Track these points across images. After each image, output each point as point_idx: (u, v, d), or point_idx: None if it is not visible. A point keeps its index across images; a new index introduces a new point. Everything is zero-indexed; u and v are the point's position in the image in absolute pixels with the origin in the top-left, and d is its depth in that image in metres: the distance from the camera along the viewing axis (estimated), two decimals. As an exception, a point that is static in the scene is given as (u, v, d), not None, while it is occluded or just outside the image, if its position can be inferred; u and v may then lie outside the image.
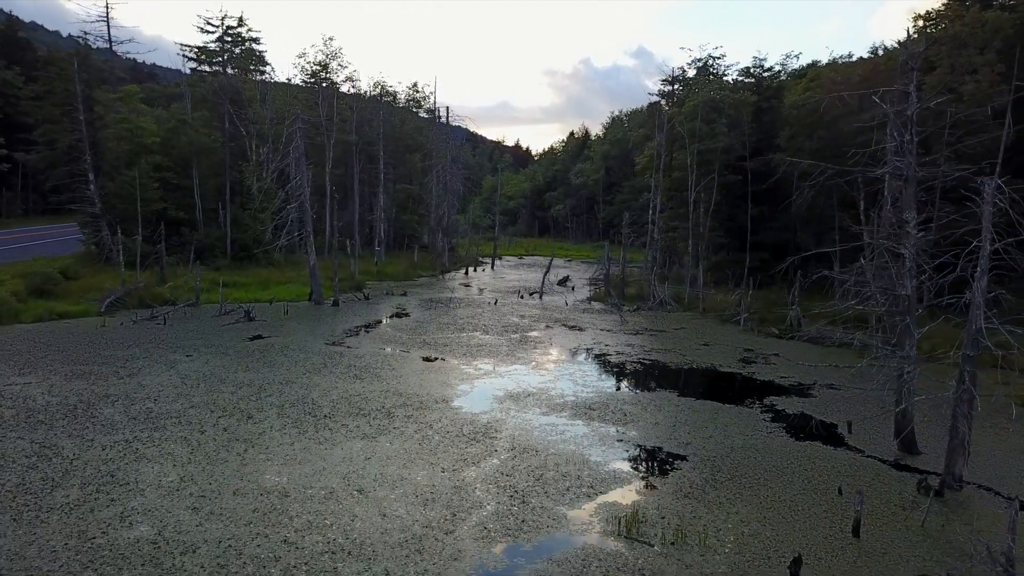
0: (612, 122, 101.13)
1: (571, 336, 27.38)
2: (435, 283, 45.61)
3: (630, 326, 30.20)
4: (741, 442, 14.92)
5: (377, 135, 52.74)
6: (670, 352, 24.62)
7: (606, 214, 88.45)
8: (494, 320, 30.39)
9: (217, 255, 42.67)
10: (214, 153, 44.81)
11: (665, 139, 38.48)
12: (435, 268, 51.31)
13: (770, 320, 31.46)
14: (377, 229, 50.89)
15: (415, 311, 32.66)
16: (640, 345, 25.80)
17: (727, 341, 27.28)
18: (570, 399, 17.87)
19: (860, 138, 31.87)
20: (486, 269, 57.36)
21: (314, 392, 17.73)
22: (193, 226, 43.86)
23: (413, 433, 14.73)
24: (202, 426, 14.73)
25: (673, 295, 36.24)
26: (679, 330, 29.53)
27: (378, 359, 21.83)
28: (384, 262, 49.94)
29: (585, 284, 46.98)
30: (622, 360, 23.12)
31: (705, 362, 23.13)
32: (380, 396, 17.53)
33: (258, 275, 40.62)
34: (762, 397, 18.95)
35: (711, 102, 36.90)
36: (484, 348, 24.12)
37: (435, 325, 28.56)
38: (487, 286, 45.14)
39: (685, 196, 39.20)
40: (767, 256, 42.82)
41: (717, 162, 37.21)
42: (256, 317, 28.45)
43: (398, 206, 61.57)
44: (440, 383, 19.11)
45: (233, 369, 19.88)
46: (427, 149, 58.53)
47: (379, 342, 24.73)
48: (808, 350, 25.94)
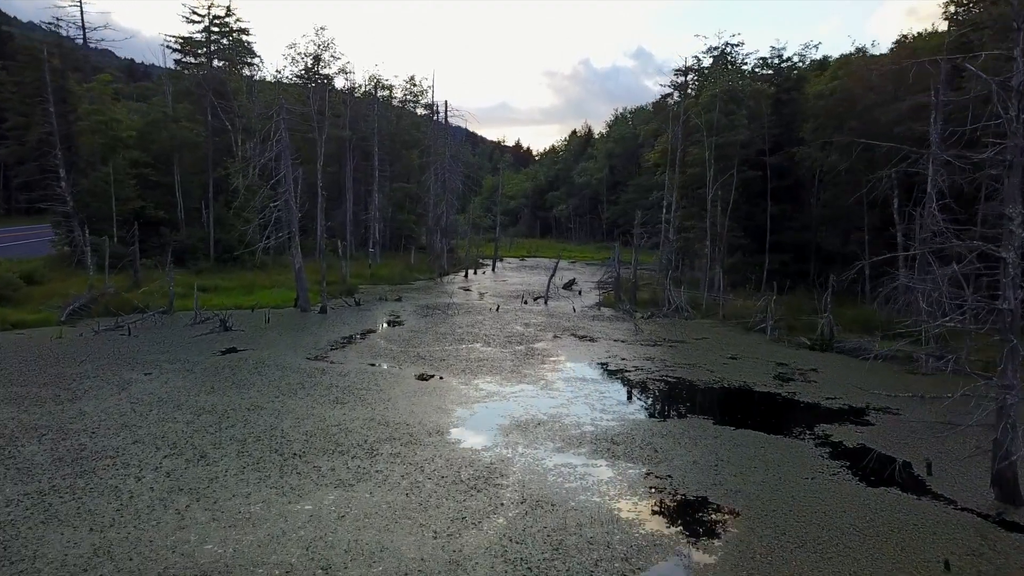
0: (616, 120, 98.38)
1: (582, 348, 24.63)
2: (433, 287, 42.87)
3: (646, 336, 27.45)
4: (802, 489, 12.17)
5: (372, 130, 50.00)
6: (695, 367, 21.87)
7: (610, 214, 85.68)
8: (496, 329, 27.65)
9: (199, 257, 39.96)
10: (197, 148, 42.10)
11: (681, 131, 35.68)
12: (433, 270, 48.57)
13: (798, 328, 28.72)
14: (372, 229, 48.13)
15: (410, 319, 29.91)
16: (660, 359, 23.05)
17: (755, 353, 24.54)
18: (588, 429, 15.12)
19: (897, 128, 29.13)
20: (486, 272, 54.61)
21: (285, 421, 14.98)
22: (174, 226, 41.13)
23: (400, 479, 11.98)
24: (141, 470, 11.98)
25: (689, 300, 33.49)
26: (700, 340, 26.78)
27: (365, 377, 19.07)
28: (379, 264, 47.18)
29: (592, 288, 44.18)
30: (642, 377, 20.37)
31: (737, 379, 20.38)
32: (363, 426, 14.78)
33: (243, 279, 37.93)
34: (811, 424, 16.20)
35: (730, 91, 34.16)
36: (486, 363, 21.36)
37: (431, 335, 25.82)
38: (488, 290, 42.40)
39: (701, 193, 36.48)
40: (787, 258, 40.15)
41: (736, 157, 34.47)
42: (233, 326, 25.73)
43: (394, 205, 58.83)
44: (435, 408, 16.35)
45: (195, 391, 17.14)
46: (424, 145, 55.80)
47: (368, 356, 21.97)
48: (848, 365, 23.19)
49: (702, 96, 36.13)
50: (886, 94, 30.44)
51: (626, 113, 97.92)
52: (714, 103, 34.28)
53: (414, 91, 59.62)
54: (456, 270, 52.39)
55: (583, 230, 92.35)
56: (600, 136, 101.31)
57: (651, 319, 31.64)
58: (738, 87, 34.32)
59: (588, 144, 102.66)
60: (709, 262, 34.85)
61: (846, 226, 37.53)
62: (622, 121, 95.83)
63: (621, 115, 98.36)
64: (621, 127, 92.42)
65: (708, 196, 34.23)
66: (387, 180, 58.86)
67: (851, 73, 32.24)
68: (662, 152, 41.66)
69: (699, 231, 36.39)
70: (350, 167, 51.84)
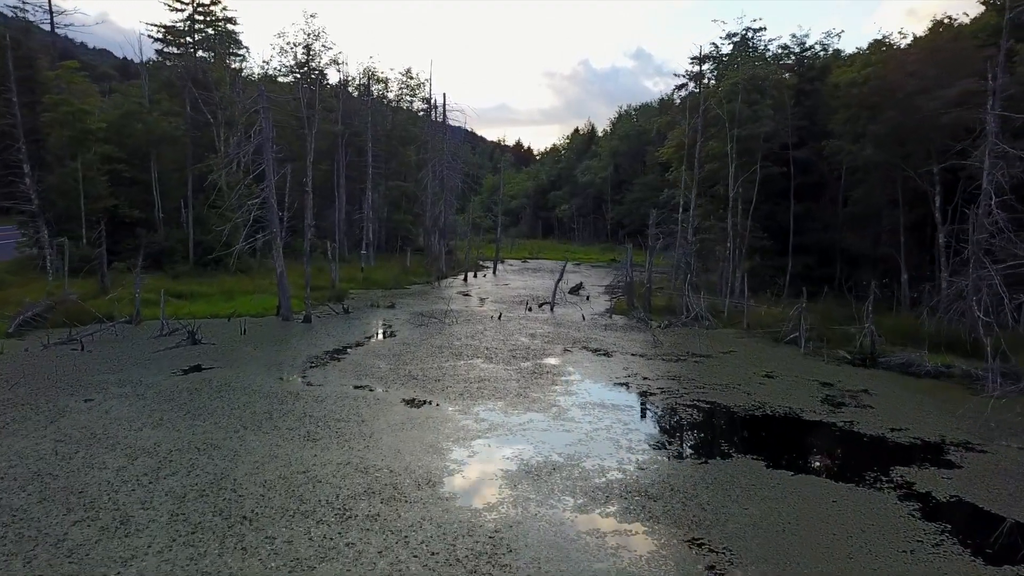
0: (620, 117, 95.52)
1: (597, 364, 21.76)
2: (429, 291, 40.00)
3: (666, 349, 24.59)
4: (904, 570, 9.29)
5: (365, 125, 47.14)
6: (729, 389, 19.00)
7: (615, 214, 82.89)
8: (499, 341, 24.79)
9: (177, 260, 37.13)
10: (177, 143, 39.22)
11: (701, 123, 32.73)
12: (430, 274, 45.72)
13: (833, 340, 25.88)
14: (365, 230, 45.25)
15: (403, 329, 27.04)
16: (687, 377, 20.18)
17: (792, 371, 21.67)
18: (615, 476, 12.24)
19: (944, 118, 26.26)
20: (487, 275, 51.75)
21: (241, 466, 12.11)
22: (151, 227, 38.27)
23: (376, 557, 9.10)
24: (35, 545, 9.11)
25: (709, 307, 30.62)
26: (728, 354, 23.91)
27: (345, 404, 16.20)
28: (372, 267, 44.31)
29: (601, 293, 41.34)
30: (671, 402, 17.49)
31: (780, 404, 17.51)
32: (336, 475, 11.90)
33: (223, 283, 35.06)
34: (883, 466, 13.32)
35: (753, 79, 31.29)
36: (488, 384, 18.49)
37: (425, 349, 22.95)
38: (489, 295, 39.54)
39: (719, 191, 33.62)
40: (811, 261, 37.32)
41: (759, 151, 31.62)
42: (203, 339, 22.86)
43: (390, 204, 56.02)
44: (426, 447, 13.47)
45: (139, 423, 14.26)
46: (422, 141, 52.96)
47: (351, 375, 19.09)
48: (902, 384, 20.31)
49: (723, 85, 33.24)
50: (928, 80, 27.57)
51: (630, 110, 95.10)
52: (736, 92, 31.40)
53: (411, 84, 56.80)
54: (455, 273, 49.56)
55: (586, 231, 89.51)
56: (604, 134, 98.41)
57: (669, 329, 28.77)
58: (762, 74, 31.46)
59: (591, 142, 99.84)
60: (731, 265, 31.96)
61: (877, 226, 34.71)
62: (627, 119, 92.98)
63: (625, 112, 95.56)
64: (626, 124, 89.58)
65: (730, 194, 31.33)
66: (382, 178, 56.05)
67: (888, 58, 29.37)
68: (676, 147, 38.78)
69: (718, 232, 33.52)
70: (343, 164, 48.99)
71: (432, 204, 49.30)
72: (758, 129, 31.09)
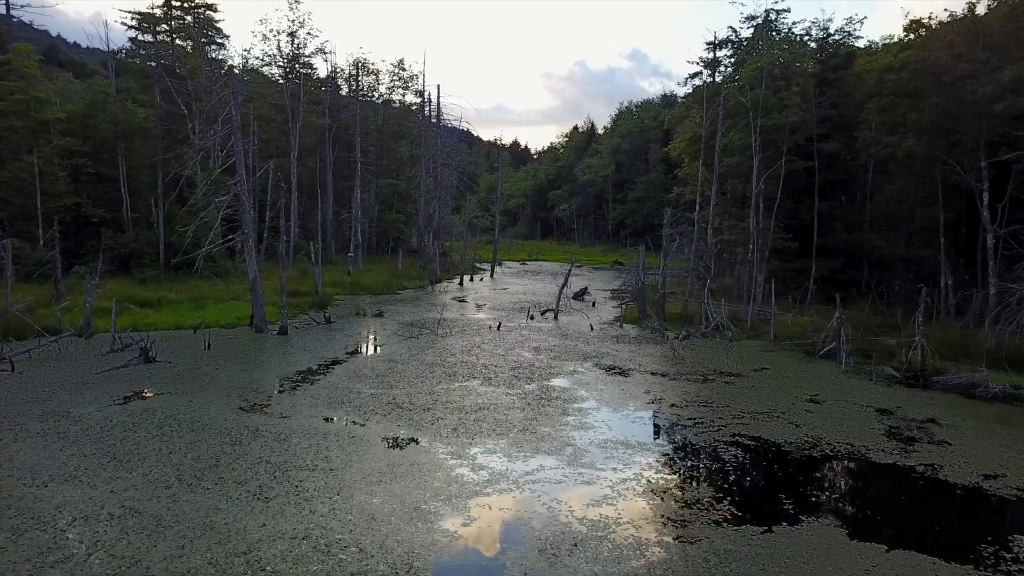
0: (621, 114, 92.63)
1: (613, 386, 18.79)
2: (422, 297, 37.00)
3: (689, 365, 21.63)
4: None
5: (354, 117, 44.10)
6: (772, 417, 16.05)
7: (617, 214, 79.98)
8: (499, 356, 21.83)
9: (146, 263, 34.07)
10: (148, 136, 36.19)
11: (723, 112, 29.72)
12: (423, 277, 42.72)
13: (874, 353, 23.01)
14: (353, 230, 42.20)
15: (390, 342, 24.06)
16: (720, 403, 17.22)
17: (838, 393, 18.74)
18: (656, 555, 9.27)
19: (998, 105, 23.37)
20: (484, 278, 48.75)
21: (160, 546, 9.09)
22: (119, 227, 35.25)
23: None
24: None
25: (729, 316, 27.70)
26: (760, 372, 20.96)
27: (312, 445, 13.20)
28: (360, 271, 41.28)
29: (608, 298, 38.41)
30: (708, 438, 14.53)
31: (838, 440, 14.56)
32: (286, 558, 8.89)
33: (196, 289, 32.06)
34: (995, 534, 10.39)
35: (779, 65, 28.35)
36: (487, 414, 15.51)
37: (414, 367, 19.95)
38: (486, 301, 36.57)
39: (739, 188, 30.70)
40: (837, 264, 34.40)
41: (784, 143, 28.70)
42: (158, 356, 19.85)
43: (382, 203, 52.99)
44: (408, 512, 10.46)
45: (45, 476, 11.26)
46: (414, 135, 49.95)
47: (324, 404, 16.09)
48: (969, 411, 17.39)
49: (745, 70, 30.27)
50: (977, 63, 24.67)
51: (632, 107, 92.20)
52: (759, 78, 28.45)
53: (403, 77, 53.72)
54: (450, 276, 46.59)
55: (587, 231, 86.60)
56: (604, 131, 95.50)
57: (688, 341, 25.81)
58: (788, 59, 28.50)
59: (591, 140, 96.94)
60: (755, 269, 29.02)
61: (909, 226, 31.81)
62: (627, 116, 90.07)
63: (627, 109, 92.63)
64: (628, 121, 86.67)
65: (753, 190, 28.38)
66: (373, 175, 53.04)
67: (930, 39, 26.47)
68: (690, 140, 35.79)
69: (738, 232, 30.58)
70: (330, 160, 45.96)
71: (426, 203, 46.32)
72: (784, 119, 28.18)
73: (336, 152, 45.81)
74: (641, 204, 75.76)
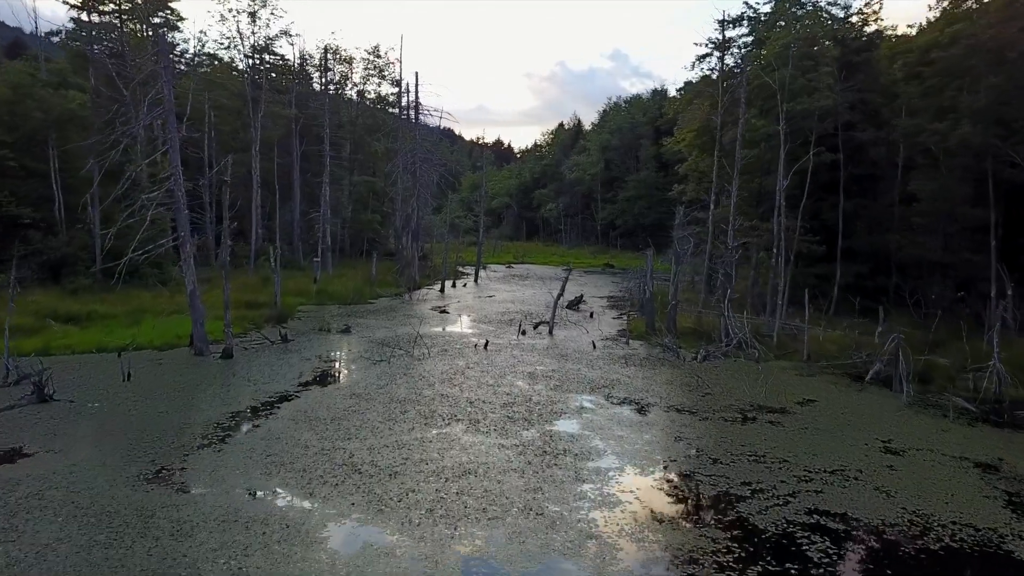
0: (610, 109, 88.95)
1: (634, 431, 14.88)
2: (398, 307, 32.89)
3: (719, 397, 17.80)
4: None
5: (323, 106, 39.92)
6: (848, 479, 12.24)
7: (606, 214, 76.26)
8: (487, 387, 17.86)
9: (79, 271, 29.67)
10: (85, 125, 31.78)
11: (745, 95, 25.87)
12: (400, 284, 38.60)
13: (930, 376, 19.38)
14: (320, 232, 37.98)
15: (353, 369, 20.00)
16: (775, 455, 13.38)
17: (913, 435, 15.01)
18: None
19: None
20: (467, 283, 44.68)
21: None
22: (50, 229, 30.83)
23: None
24: None
25: (752, 330, 23.97)
26: (807, 407, 17.18)
27: (222, 547, 9.14)
28: (329, 277, 37.05)
29: (606, 307, 34.55)
30: (776, 516, 10.67)
31: (952, 519, 10.79)
32: None
33: (136, 301, 27.80)
34: None
35: (808, 40, 24.62)
36: (474, 483, 11.54)
37: (381, 406, 15.93)
38: (471, 310, 32.57)
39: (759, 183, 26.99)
40: (864, 269, 30.82)
41: (813, 132, 25.02)
42: (58, 393, 15.68)
43: (356, 202, 48.78)
44: None
45: None
46: (390, 128, 45.85)
47: (256, 466, 12.02)
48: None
49: (769, 48, 26.48)
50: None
51: (620, 102, 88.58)
52: (786, 57, 24.72)
53: (378, 65, 49.46)
54: (430, 282, 42.48)
55: (574, 232, 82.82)
56: (593, 127, 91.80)
57: (707, 361, 22.01)
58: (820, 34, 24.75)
59: (579, 137, 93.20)
60: (783, 278, 25.26)
61: (948, 227, 28.28)
62: (617, 111, 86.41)
63: (615, 105, 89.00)
64: (617, 117, 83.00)
65: (778, 186, 24.62)
66: (346, 171, 48.86)
67: (988, 9, 22.88)
68: (698, 131, 31.94)
69: (761, 234, 26.83)
70: (297, 154, 41.72)
71: (403, 202, 42.21)
72: (814, 104, 24.49)
73: (304, 146, 41.58)
74: (632, 204, 72.16)
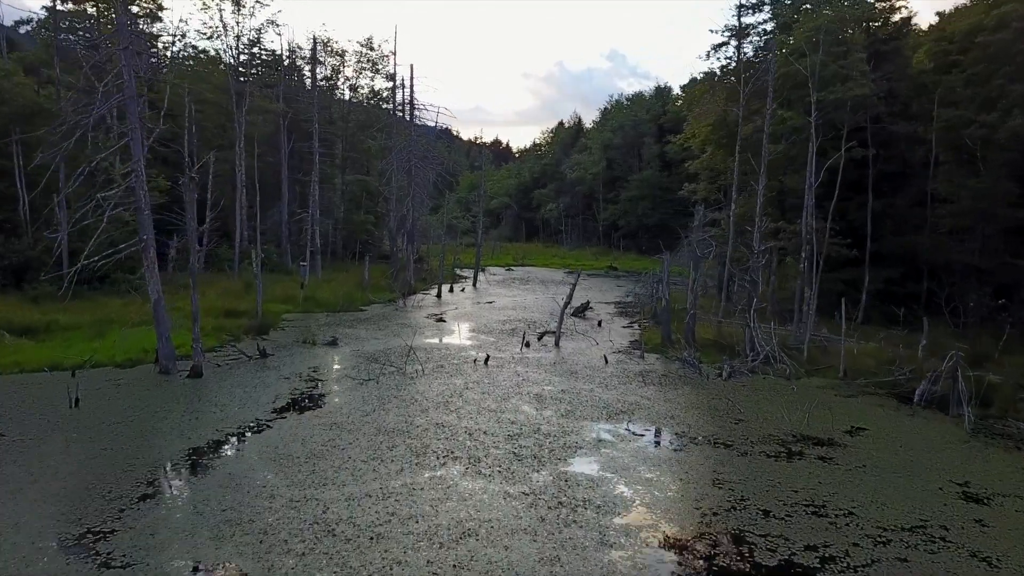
0: (611, 107, 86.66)
1: (664, 471, 12.61)
2: (391, 315, 30.59)
3: (754, 424, 15.56)
4: None
5: (311, 100, 37.64)
6: (932, 539, 10.04)
7: (608, 214, 73.95)
8: (488, 413, 15.60)
9: (46, 276, 27.33)
10: (51, 119, 29.43)
11: (772, 83, 23.56)
12: (394, 289, 36.27)
13: (991, 397, 17.20)
14: (309, 234, 35.65)
15: (337, 390, 17.70)
16: (838, 505, 11.15)
17: (992, 475, 12.81)
18: None
19: None
20: (465, 288, 42.37)
21: None
22: (14, 231, 28.56)
23: None
24: None
25: (779, 342, 21.74)
26: (858, 436, 14.95)
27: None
28: (318, 282, 34.71)
29: (613, 314, 32.29)
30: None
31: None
32: None
33: (104, 310, 25.55)
34: None
35: (840, 20, 22.38)
36: (475, 551, 9.26)
37: (366, 439, 13.66)
38: (470, 318, 30.30)
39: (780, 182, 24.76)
40: (895, 274, 28.63)
41: (845, 124, 22.81)
42: (-14, 424, 13.39)
43: (349, 202, 46.47)
44: None
45: None
46: (384, 123, 43.58)
47: (206, 527, 9.72)
48: None
49: (798, 33, 24.15)
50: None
51: (623, 99, 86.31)
52: (815, 42, 22.43)
53: (371, 57, 47.10)
54: (426, 286, 40.22)
55: (575, 233, 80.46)
56: (594, 125, 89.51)
57: (733, 378, 19.76)
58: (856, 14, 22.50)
59: (579, 135, 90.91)
60: (813, 285, 23.02)
61: (986, 229, 26.11)
62: (619, 109, 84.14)
63: (617, 101, 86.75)
64: (619, 115, 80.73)
65: (809, 183, 22.32)
66: (338, 169, 46.56)
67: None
68: (714, 126, 29.62)
69: (789, 237, 24.59)
70: (285, 152, 39.42)
71: (398, 201, 39.94)
72: (848, 92, 22.27)
73: (293, 143, 39.28)
74: (635, 204, 69.90)
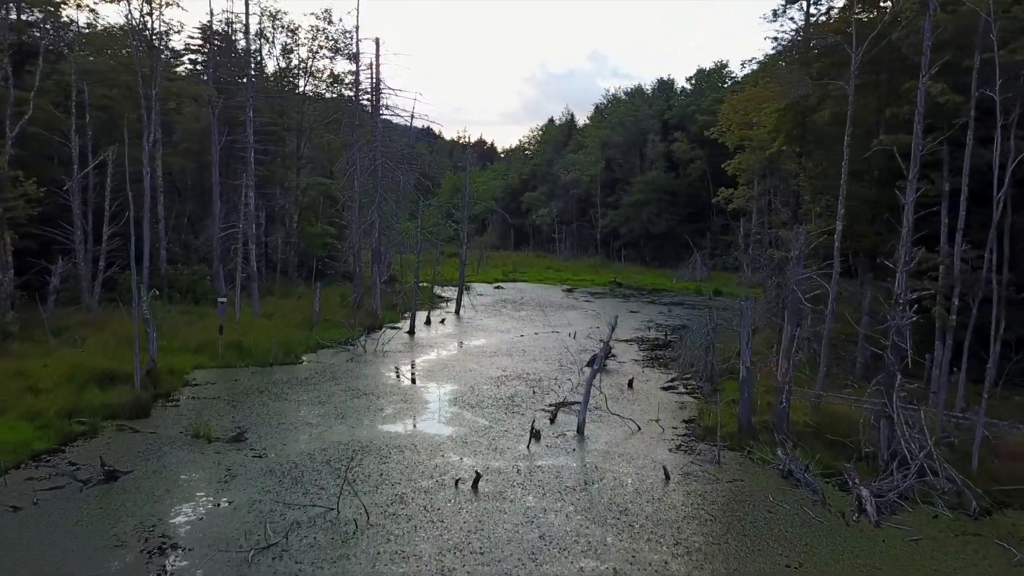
0: (610, 103, 78.91)
1: None
2: (342, 371, 22.30)
3: None
4: None
5: (242, 79, 29.46)
6: None
7: (607, 221, 66.15)
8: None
9: None
10: None
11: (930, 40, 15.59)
12: (353, 324, 27.96)
13: None
14: (239, 254, 27.30)
15: (212, 568, 9.54)
16: None
17: None
18: None
19: None
20: (446, 318, 34.11)
21: None
22: None
23: None
24: None
25: (934, 440, 13.84)
26: None
27: None
28: (251, 320, 26.25)
29: (642, 362, 24.34)
30: None
31: None
32: None
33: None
34: None
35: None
36: None
37: None
38: (449, 374, 22.18)
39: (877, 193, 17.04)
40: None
41: (1018, 104, 15.11)
42: None
43: (304, 210, 38.23)
44: None
45: None
46: (343, 113, 35.49)
47: None
48: None
49: None
50: None
51: (620, 94, 78.58)
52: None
53: (330, 34, 38.89)
54: (396, 316, 32.03)
55: (570, 241, 72.54)
56: (590, 122, 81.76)
57: (883, 518, 11.89)
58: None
59: (572, 133, 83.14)
60: (946, 340, 15.19)
61: None
62: (617, 104, 76.43)
63: (615, 96, 79.03)
64: (617, 111, 73.02)
65: (963, 193, 14.43)
66: (292, 171, 38.35)
67: None
68: (786, 109, 21.69)
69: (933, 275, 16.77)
70: (217, 149, 31.13)
71: (360, 208, 31.78)
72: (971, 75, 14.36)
73: (226, 138, 31.02)
74: (639, 209, 62.25)
